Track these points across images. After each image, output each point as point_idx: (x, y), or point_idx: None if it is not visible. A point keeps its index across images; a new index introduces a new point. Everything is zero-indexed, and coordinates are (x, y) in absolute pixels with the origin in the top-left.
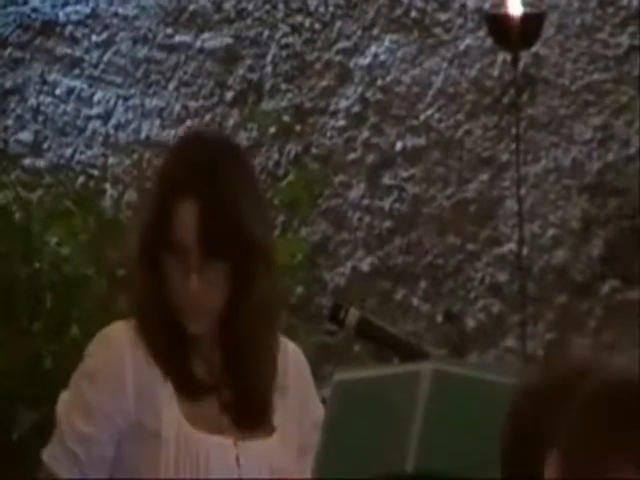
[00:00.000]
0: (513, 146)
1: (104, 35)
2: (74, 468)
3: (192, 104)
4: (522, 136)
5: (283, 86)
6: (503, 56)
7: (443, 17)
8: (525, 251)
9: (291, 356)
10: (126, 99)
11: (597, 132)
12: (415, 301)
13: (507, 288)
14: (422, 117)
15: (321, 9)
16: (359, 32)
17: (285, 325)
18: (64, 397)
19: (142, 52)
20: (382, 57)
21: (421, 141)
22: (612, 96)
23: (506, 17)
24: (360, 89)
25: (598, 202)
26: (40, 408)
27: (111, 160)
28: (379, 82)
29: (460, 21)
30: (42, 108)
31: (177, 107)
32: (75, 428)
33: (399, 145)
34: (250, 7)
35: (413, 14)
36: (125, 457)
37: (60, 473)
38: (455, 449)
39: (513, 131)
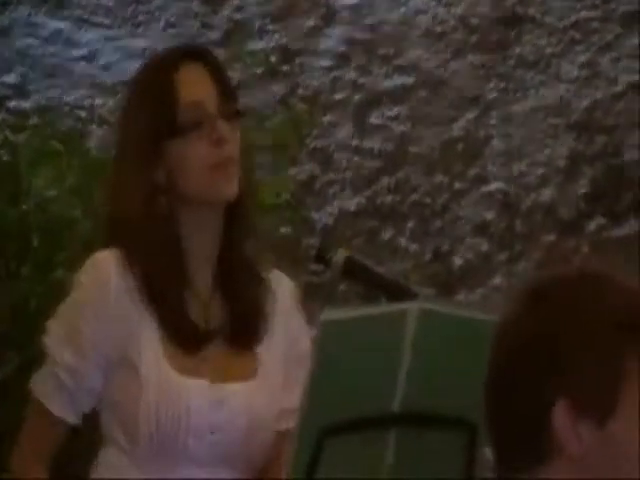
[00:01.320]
0: (500, 85)
1: None
2: (63, 399)
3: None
4: (509, 74)
5: (269, 27)
6: None
7: None
8: (512, 189)
9: (283, 288)
10: (112, 40)
11: (583, 70)
12: (402, 240)
13: (494, 227)
14: (408, 56)
15: None
16: None
17: (271, 264)
18: (52, 327)
19: None
20: None
21: (408, 80)
22: (598, 34)
23: None
24: (346, 29)
25: (585, 140)
26: (25, 350)
27: (98, 101)
28: (365, 21)
29: None
30: (28, 50)
31: (163, 47)
32: (64, 359)
33: (386, 84)
34: None
35: None
36: (110, 390)
37: (49, 404)
38: (443, 388)
39: (500, 69)
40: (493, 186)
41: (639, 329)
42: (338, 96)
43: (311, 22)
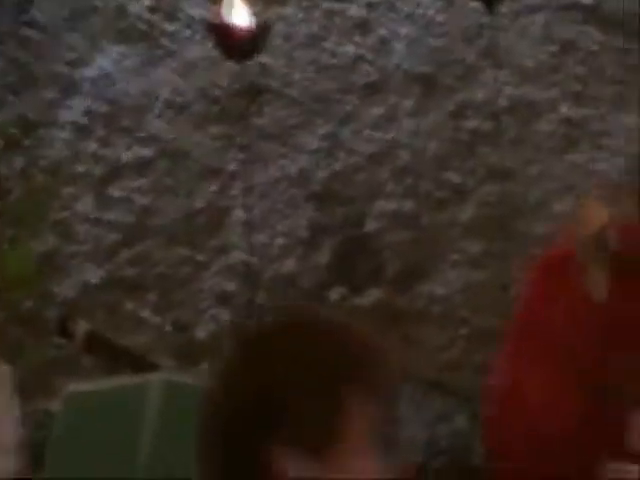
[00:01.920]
0: (241, 156)
1: None
2: None
3: None
4: (250, 146)
5: (9, 98)
6: (230, 66)
7: (169, 28)
8: (254, 260)
9: None
10: None
11: (324, 141)
12: (145, 312)
13: (236, 297)
14: (149, 128)
15: (48, 22)
16: (85, 44)
17: (14, 339)
18: None
19: None
20: (108, 68)
21: (149, 152)
22: (338, 105)
23: (232, 28)
24: (87, 101)
25: (325, 211)
26: None
27: None
28: (106, 93)
29: (187, 32)
30: None
31: None
32: None
33: (127, 156)
34: None
35: (139, 25)
36: None
37: None
38: (188, 454)
39: (241, 141)
40: (235, 257)
41: (355, 370)
42: (79, 168)
43: (51, 94)
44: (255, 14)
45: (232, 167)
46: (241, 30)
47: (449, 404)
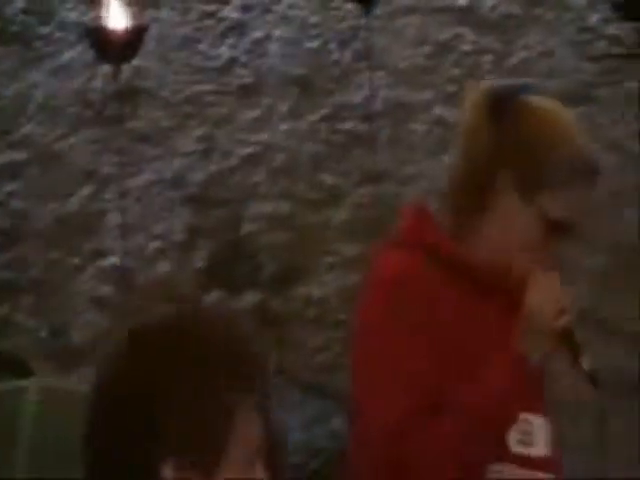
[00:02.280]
0: (116, 159)
1: None
2: None
3: None
4: (125, 149)
5: None
6: (105, 69)
7: (44, 31)
8: (129, 263)
9: None
10: None
11: (199, 143)
12: (20, 316)
13: (112, 301)
14: (23, 131)
15: None
16: None
17: None
18: None
19: None
20: None
21: (22, 156)
22: (213, 107)
23: (108, 30)
24: None
25: (201, 213)
26: None
27: None
28: None
29: (61, 34)
30: None
31: None
32: None
33: (0, 160)
34: None
35: (13, 28)
36: None
37: None
38: (68, 459)
39: (115, 144)
40: (110, 261)
41: (243, 378)
42: None
43: None
44: (131, 17)
45: (107, 170)
46: (117, 33)
47: (326, 406)
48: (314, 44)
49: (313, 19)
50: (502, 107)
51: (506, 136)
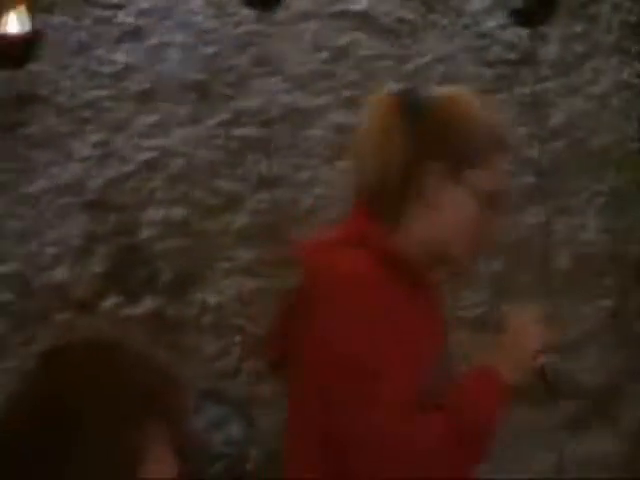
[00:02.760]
0: (11, 165)
1: None
2: None
3: None
4: (20, 155)
5: None
6: (0, 75)
7: None
8: (26, 270)
9: None
10: None
11: (96, 149)
12: None
13: (9, 308)
14: None
15: None
16: None
17: None
18: None
19: None
20: None
21: None
22: (110, 113)
23: (4, 36)
24: None
25: (98, 219)
26: None
27: None
28: None
29: None
30: None
31: None
32: None
33: None
34: None
35: None
36: None
37: None
38: None
39: (11, 150)
40: (7, 267)
41: (158, 398)
42: None
43: None
44: (25, 22)
45: (2, 177)
46: (11, 38)
47: (223, 412)
48: (211, 50)
49: (210, 24)
50: (413, 105)
51: (425, 130)
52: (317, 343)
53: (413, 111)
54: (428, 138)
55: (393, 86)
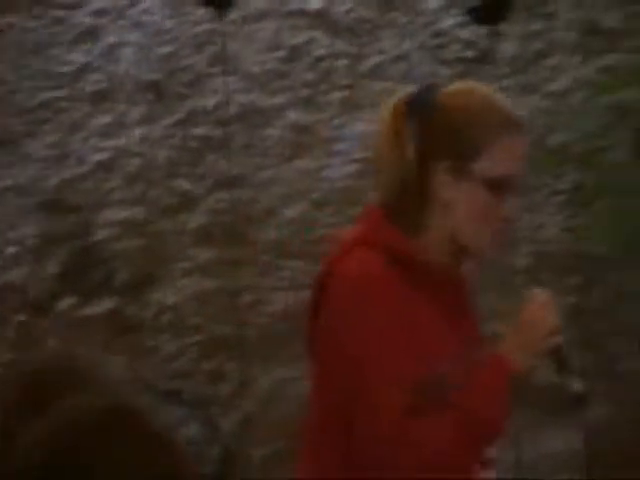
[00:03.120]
0: None
1: None
2: None
3: None
4: None
5: None
6: None
7: None
8: None
9: None
10: None
11: (53, 149)
12: None
13: None
14: None
15: None
16: None
17: None
18: None
19: None
20: None
21: None
22: (67, 113)
23: None
24: None
25: (55, 219)
26: None
27: None
28: None
29: None
30: None
31: None
32: None
33: None
34: None
35: None
36: None
37: None
38: None
39: None
40: None
41: None
42: None
43: None
44: None
45: None
46: None
47: (182, 412)
48: (167, 49)
49: (166, 24)
50: (419, 108)
51: (428, 131)
52: (329, 344)
53: (418, 114)
54: (431, 139)
55: (404, 89)
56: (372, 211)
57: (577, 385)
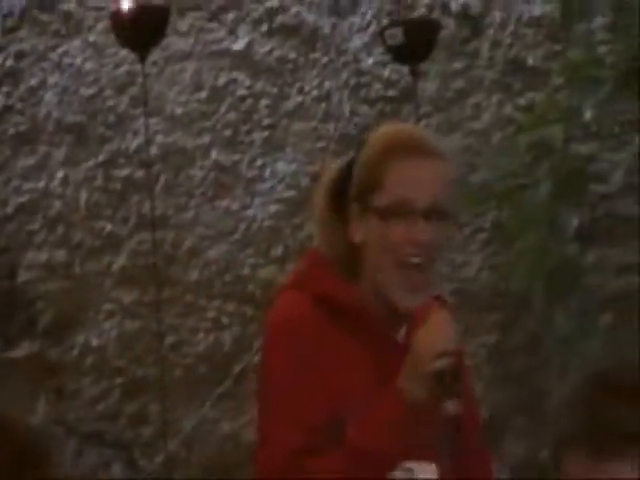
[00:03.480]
0: None
1: None
2: None
3: None
4: None
5: None
6: None
7: None
8: None
9: None
10: None
11: None
12: None
13: None
14: None
15: None
16: None
17: None
18: None
19: None
20: None
21: None
22: None
23: None
24: None
25: None
26: None
27: None
28: None
29: None
30: None
31: None
32: None
33: None
34: None
35: None
36: None
37: None
38: None
39: None
40: None
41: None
42: None
43: None
44: None
45: None
46: None
47: (106, 454)
48: (90, 91)
49: (88, 66)
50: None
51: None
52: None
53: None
54: (350, 185)
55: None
56: (309, 253)
57: (453, 407)
